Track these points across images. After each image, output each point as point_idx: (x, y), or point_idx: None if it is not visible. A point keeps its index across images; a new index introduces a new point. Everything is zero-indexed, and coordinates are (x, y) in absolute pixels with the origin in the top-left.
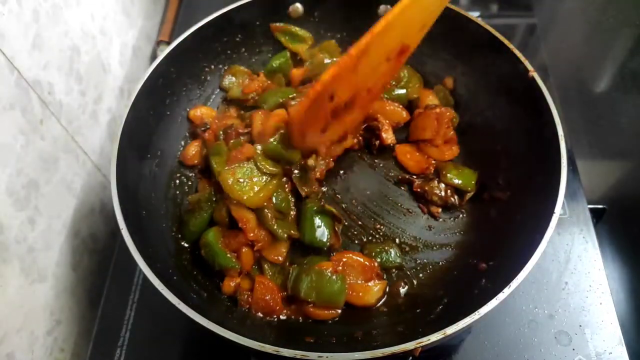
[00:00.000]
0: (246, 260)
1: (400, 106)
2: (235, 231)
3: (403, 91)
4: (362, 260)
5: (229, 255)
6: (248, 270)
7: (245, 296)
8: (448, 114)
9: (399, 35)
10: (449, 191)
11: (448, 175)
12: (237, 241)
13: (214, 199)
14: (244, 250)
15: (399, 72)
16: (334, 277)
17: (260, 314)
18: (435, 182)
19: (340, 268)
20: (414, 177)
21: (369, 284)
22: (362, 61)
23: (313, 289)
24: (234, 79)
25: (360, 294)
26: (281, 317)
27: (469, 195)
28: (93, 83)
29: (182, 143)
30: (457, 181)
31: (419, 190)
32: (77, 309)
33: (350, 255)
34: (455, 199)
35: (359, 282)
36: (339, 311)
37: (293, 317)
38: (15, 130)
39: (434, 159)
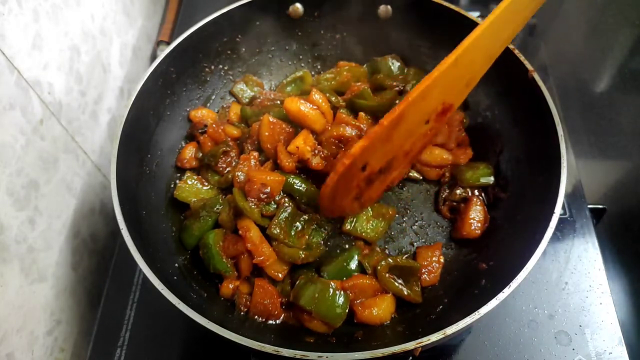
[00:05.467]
0: (245, 267)
1: None
2: (237, 237)
3: None
4: (369, 281)
5: (224, 260)
6: (246, 275)
7: (244, 299)
8: (457, 116)
9: (439, 97)
10: (476, 191)
11: (467, 179)
12: (236, 248)
13: (219, 204)
14: (242, 257)
15: (407, 75)
16: (338, 292)
17: (258, 318)
18: (460, 189)
19: (351, 293)
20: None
21: (376, 298)
22: (396, 129)
23: (314, 300)
24: (245, 87)
25: (374, 310)
26: (278, 321)
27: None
28: (93, 83)
29: (182, 143)
30: (483, 180)
31: (448, 203)
32: (77, 309)
33: (361, 280)
34: (490, 195)
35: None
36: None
37: (290, 322)
38: (15, 130)
39: (450, 164)
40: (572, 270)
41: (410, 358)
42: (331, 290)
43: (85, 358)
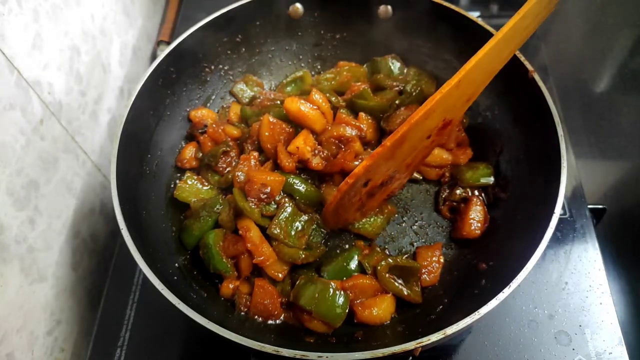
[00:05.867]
0: (245, 267)
1: None
2: (237, 237)
3: None
4: (369, 281)
5: (224, 260)
6: (246, 275)
7: (244, 300)
8: None
9: (441, 115)
10: (476, 191)
11: (467, 179)
12: (236, 248)
13: (219, 204)
14: (242, 257)
15: (407, 75)
16: (338, 292)
17: (258, 318)
18: (460, 189)
19: (351, 293)
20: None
21: (376, 298)
22: (399, 148)
23: (314, 300)
24: (245, 87)
25: (374, 310)
26: (278, 321)
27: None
28: (93, 83)
29: (182, 143)
30: (483, 180)
31: (448, 203)
32: (77, 309)
33: (361, 280)
34: (490, 195)
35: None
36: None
37: (290, 322)
38: (15, 130)
39: (450, 164)
40: (572, 270)
41: (410, 358)
42: (331, 290)
43: (85, 358)
